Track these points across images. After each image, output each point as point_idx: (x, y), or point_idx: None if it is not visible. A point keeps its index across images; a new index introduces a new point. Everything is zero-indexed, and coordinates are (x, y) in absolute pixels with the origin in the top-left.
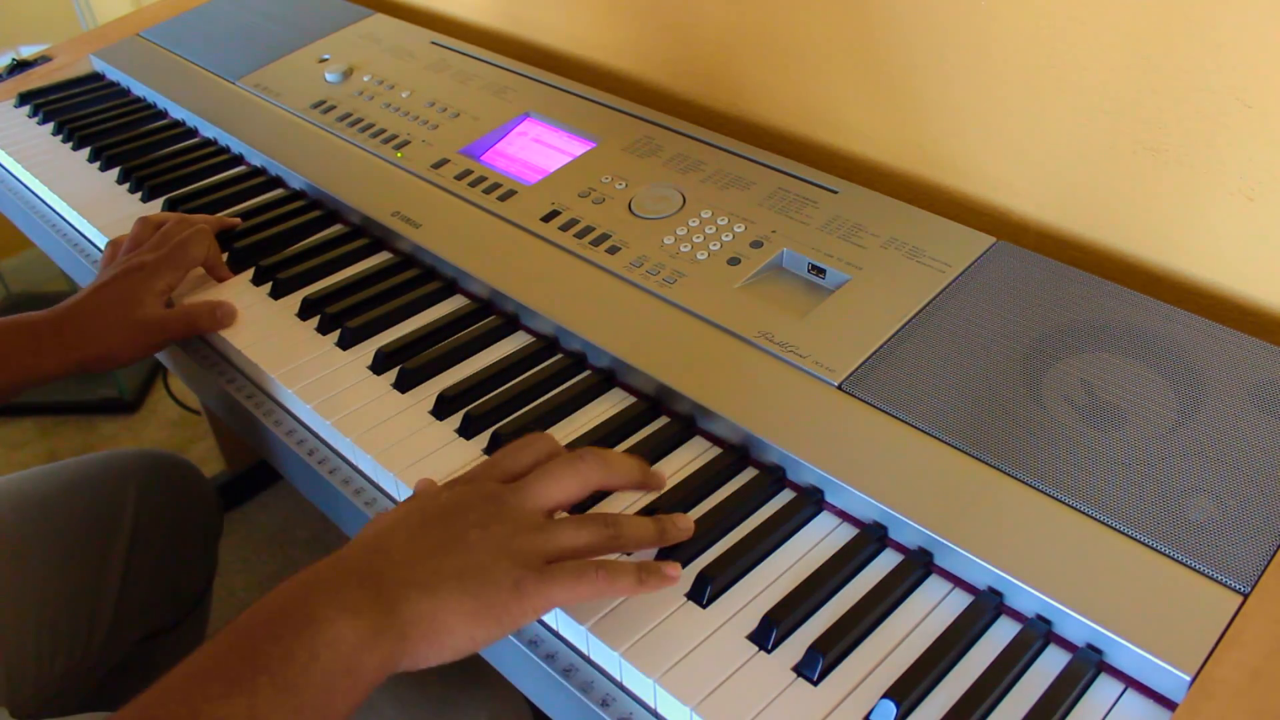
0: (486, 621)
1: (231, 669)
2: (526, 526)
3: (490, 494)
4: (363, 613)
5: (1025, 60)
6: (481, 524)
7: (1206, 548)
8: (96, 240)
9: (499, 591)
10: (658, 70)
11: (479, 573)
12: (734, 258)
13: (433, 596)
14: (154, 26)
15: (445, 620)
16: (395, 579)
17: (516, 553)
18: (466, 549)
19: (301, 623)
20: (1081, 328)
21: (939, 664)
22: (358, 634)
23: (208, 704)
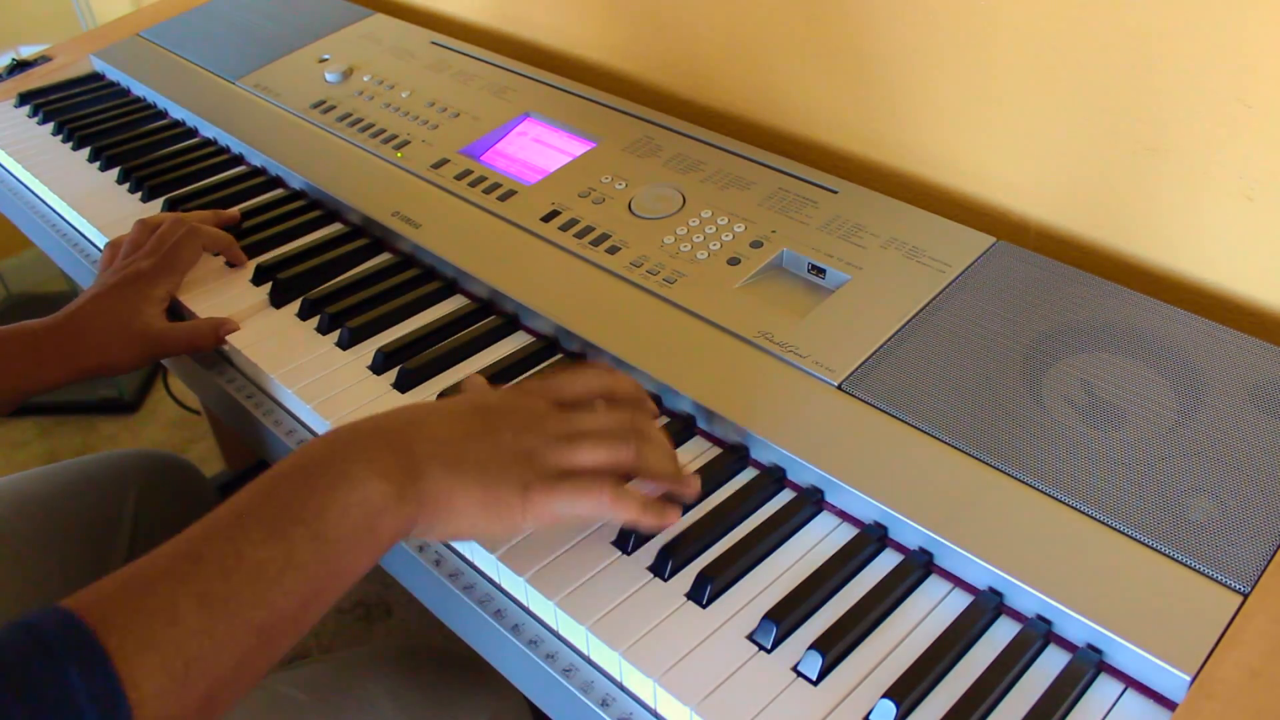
0: (491, 514)
1: (270, 516)
2: (552, 441)
3: (531, 409)
4: (391, 477)
5: (1025, 60)
6: (514, 428)
7: (1206, 548)
8: (96, 240)
9: (510, 491)
10: (655, 70)
11: (498, 469)
12: (734, 258)
13: (452, 476)
14: (154, 26)
15: (457, 501)
16: (424, 452)
17: (535, 462)
18: (493, 445)
19: (336, 478)
20: (1081, 328)
21: (939, 664)
22: (384, 495)
23: (250, 547)
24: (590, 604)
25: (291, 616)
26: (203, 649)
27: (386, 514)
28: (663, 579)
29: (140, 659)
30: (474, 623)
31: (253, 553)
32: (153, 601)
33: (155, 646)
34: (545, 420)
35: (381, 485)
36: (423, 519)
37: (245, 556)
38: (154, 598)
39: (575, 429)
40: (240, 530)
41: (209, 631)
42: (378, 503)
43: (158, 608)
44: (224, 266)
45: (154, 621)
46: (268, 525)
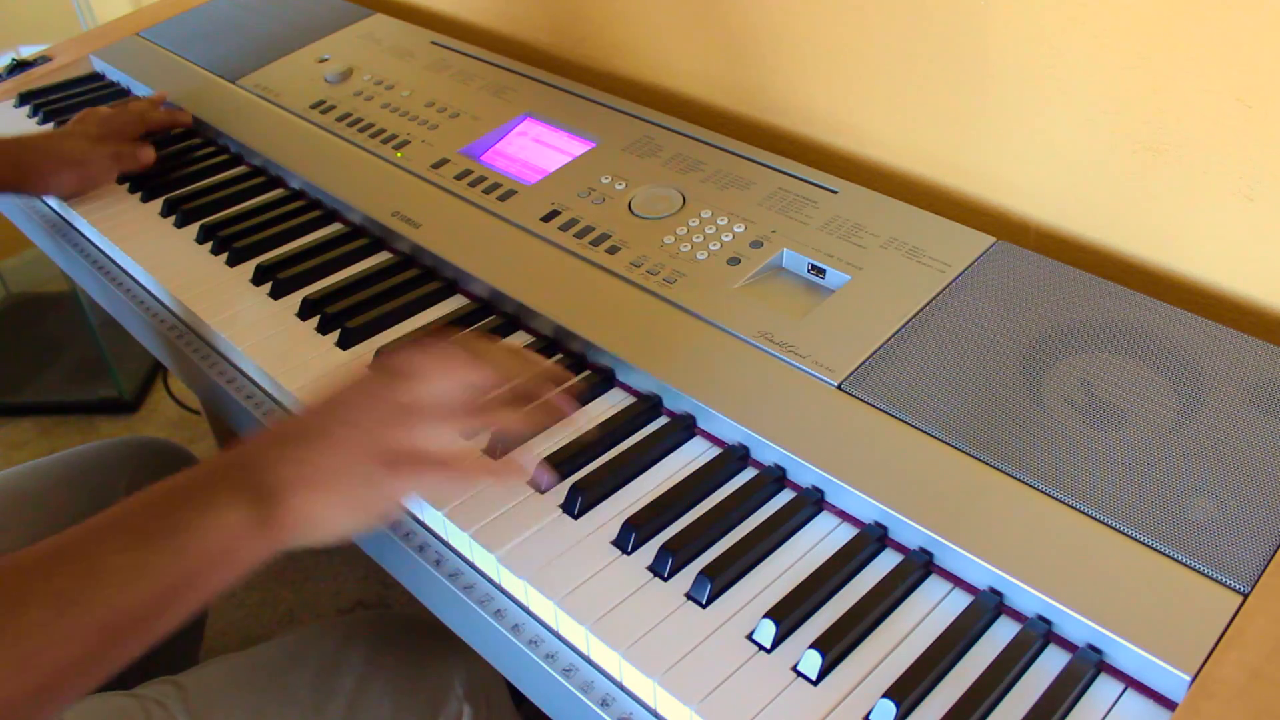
0: (353, 513)
1: (133, 529)
2: (399, 424)
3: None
4: (253, 504)
5: (1025, 60)
6: (362, 428)
7: (1206, 548)
8: (96, 240)
9: (367, 490)
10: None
11: (349, 475)
12: (734, 258)
13: (312, 493)
14: (154, 26)
15: (318, 513)
16: (283, 478)
17: (380, 450)
18: (345, 454)
19: (200, 503)
20: (1081, 328)
21: (939, 664)
22: (242, 522)
23: (110, 553)
24: (590, 604)
25: (141, 620)
26: (47, 639)
27: (247, 539)
28: (663, 579)
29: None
30: (474, 622)
31: (109, 559)
32: (7, 589)
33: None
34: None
35: (240, 514)
36: (288, 537)
37: (101, 562)
38: (10, 585)
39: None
40: (104, 536)
41: (54, 623)
42: (237, 530)
43: (10, 596)
44: (212, 258)
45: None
46: (129, 535)
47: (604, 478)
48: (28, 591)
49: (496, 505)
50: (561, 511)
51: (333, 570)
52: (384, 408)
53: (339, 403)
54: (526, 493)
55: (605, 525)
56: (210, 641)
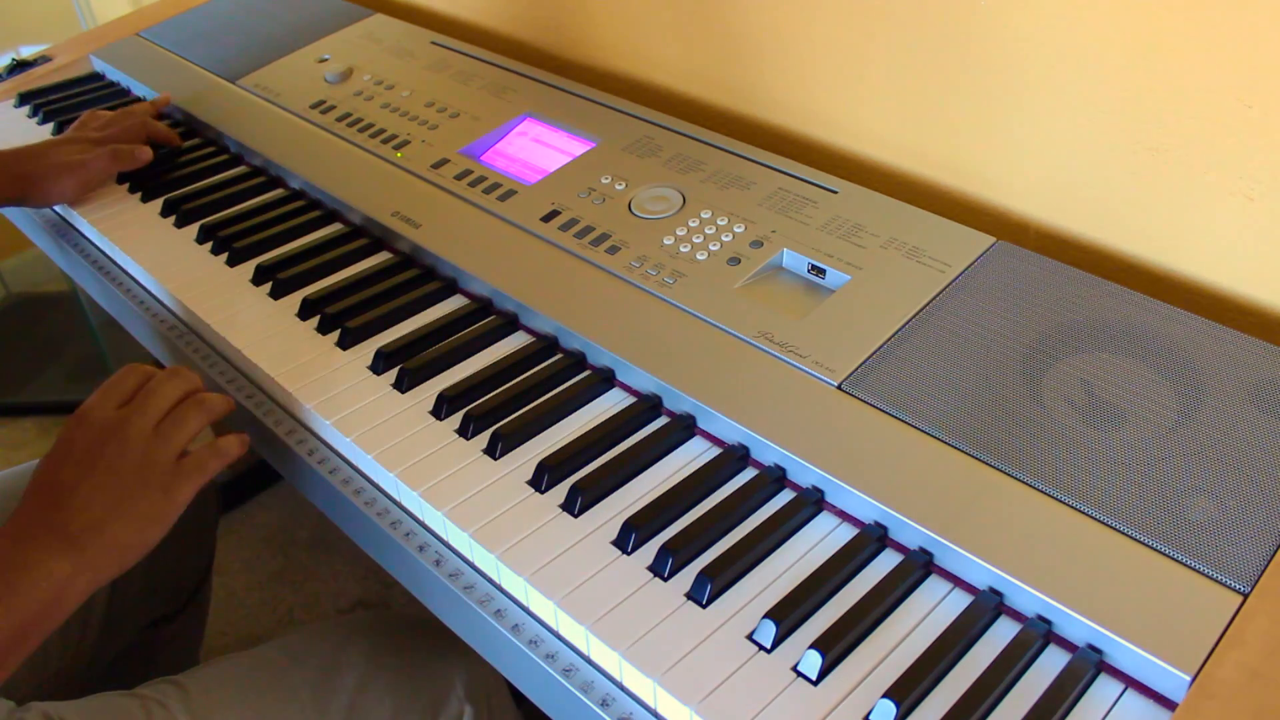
0: (152, 526)
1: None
2: (151, 441)
3: (112, 423)
4: (65, 554)
5: (1025, 60)
6: (121, 453)
7: (1206, 548)
8: (96, 240)
9: (153, 503)
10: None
11: (135, 496)
12: (734, 258)
13: (109, 528)
14: (154, 26)
15: (123, 539)
16: (78, 525)
17: (153, 466)
18: (119, 480)
19: (20, 565)
20: (1081, 328)
21: (939, 664)
22: (63, 571)
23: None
24: (590, 604)
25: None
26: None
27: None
28: (663, 579)
29: None
30: (474, 622)
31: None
32: None
33: None
34: (131, 427)
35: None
36: (106, 567)
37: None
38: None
39: (155, 417)
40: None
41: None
42: (60, 579)
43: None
44: (212, 258)
45: None
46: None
47: (604, 478)
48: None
49: (496, 505)
50: (561, 511)
51: (333, 570)
52: (133, 431)
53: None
54: (527, 493)
55: (605, 525)
56: (210, 641)
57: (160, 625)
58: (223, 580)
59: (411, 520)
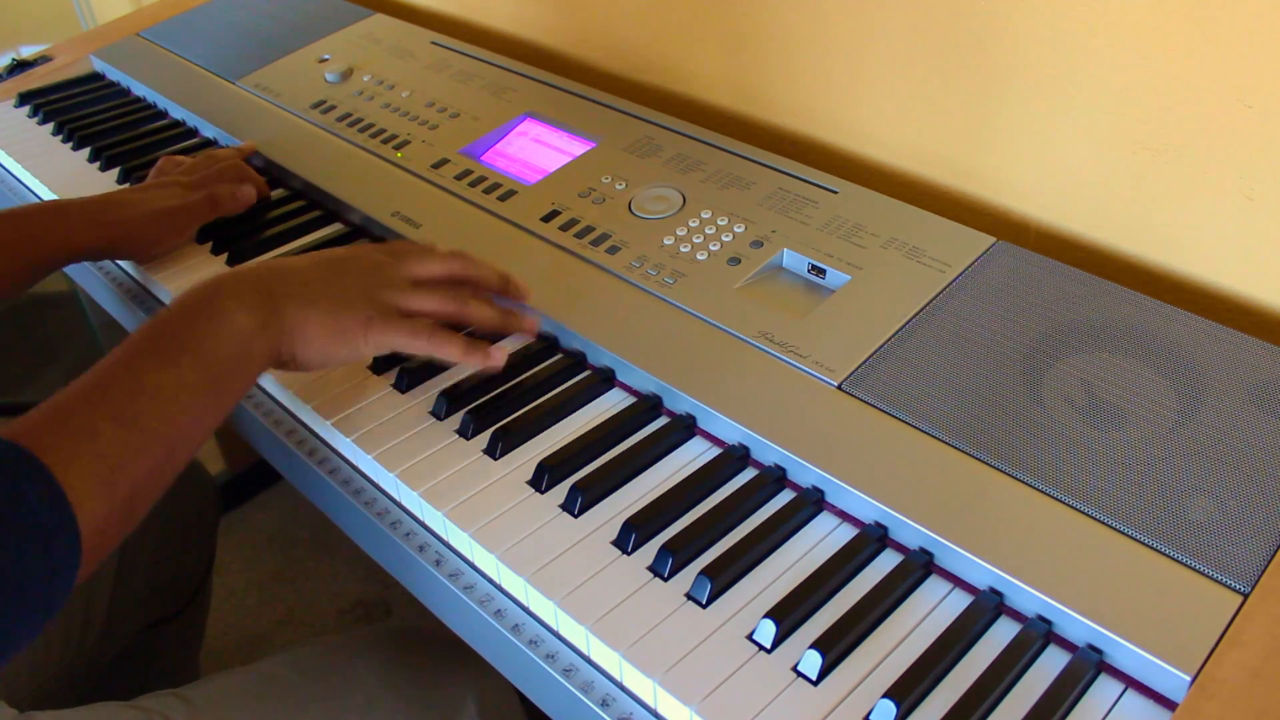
0: (338, 340)
1: (161, 348)
2: (391, 285)
3: (377, 260)
4: (256, 310)
5: (1025, 60)
6: (359, 274)
7: (1206, 548)
8: None
9: (354, 322)
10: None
11: (344, 305)
12: (734, 258)
13: (305, 309)
14: (154, 26)
15: (310, 330)
16: (282, 292)
17: (377, 300)
18: (341, 287)
19: (212, 314)
20: (1081, 328)
21: (939, 664)
22: (251, 326)
23: (147, 374)
24: (590, 604)
25: (188, 429)
26: (121, 457)
27: (255, 340)
28: (663, 579)
29: (72, 468)
30: (474, 622)
31: (151, 379)
32: (74, 422)
33: (82, 457)
34: (386, 269)
35: (248, 318)
36: (284, 345)
37: (145, 382)
38: (75, 419)
39: (410, 275)
40: (138, 361)
41: (124, 442)
42: (246, 331)
43: (79, 427)
44: (213, 258)
45: (78, 438)
46: (160, 355)
47: (604, 478)
48: (96, 420)
49: (496, 505)
50: (561, 511)
51: (333, 570)
52: (383, 272)
53: (343, 257)
54: (527, 493)
55: (605, 525)
56: (210, 641)
57: (160, 626)
58: (223, 580)
59: (411, 520)
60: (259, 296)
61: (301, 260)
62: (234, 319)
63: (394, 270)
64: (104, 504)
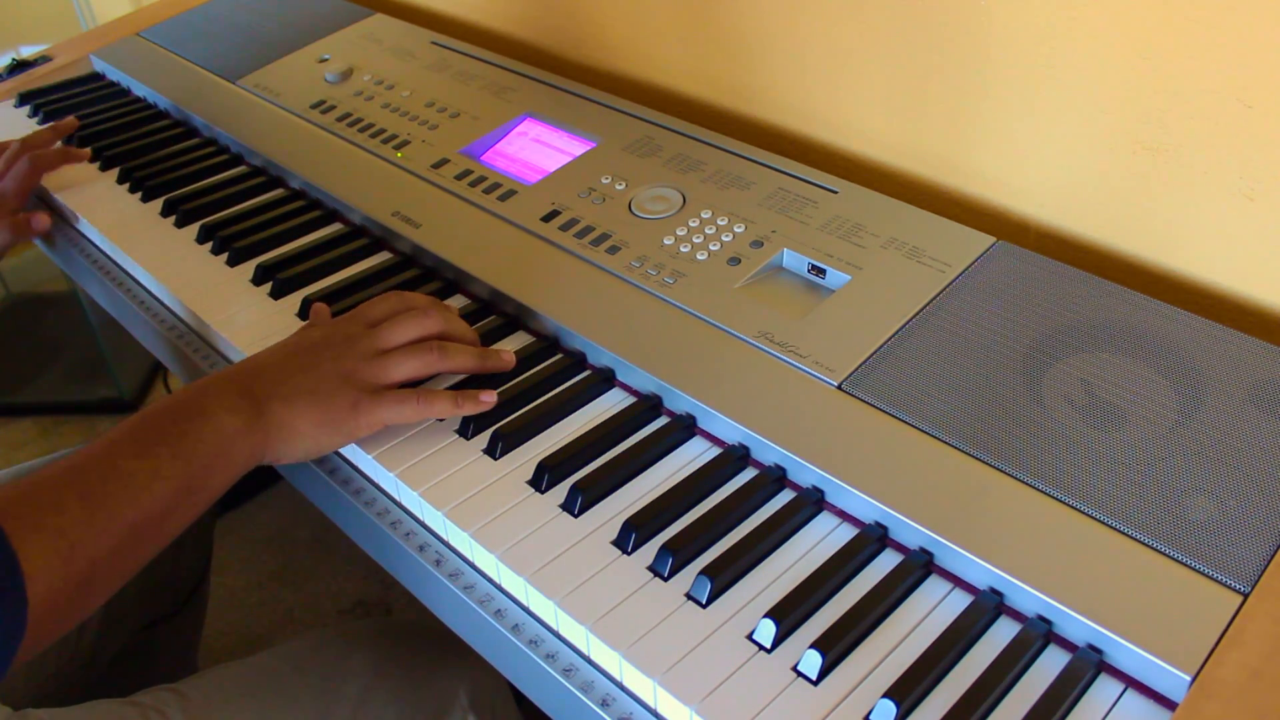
0: (329, 430)
1: (141, 439)
2: (369, 360)
3: (348, 334)
4: (239, 411)
5: (1025, 60)
6: (335, 357)
7: (1206, 548)
8: (96, 240)
9: (340, 409)
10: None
11: (327, 393)
12: (734, 258)
13: (290, 406)
14: (154, 26)
15: (298, 425)
16: (264, 392)
17: (358, 380)
18: (319, 374)
19: (195, 412)
20: (1081, 328)
21: (939, 664)
22: (234, 426)
23: (123, 460)
24: (590, 604)
25: (158, 518)
26: (83, 536)
27: (238, 441)
28: (663, 579)
29: (31, 538)
30: (474, 622)
31: (125, 465)
32: (43, 496)
33: (43, 529)
34: (359, 343)
35: (231, 418)
36: (271, 446)
37: (119, 467)
38: (44, 493)
39: (385, 345)
40: (117, 448)
41: (88, 522)
42: (229, 431)
43: (47, 501)
44: (213, 258)
45: (43, 511)
46: (139, 445)
47: (604, 478)
48: (62, 496)
49: (496, 505)
50: (561, 511)
51: (333, 570)
52: (356, 348)
53: (314, 343)
54: (527, 492)
55: (605, 525)
56: (209, 641)
57: (158, 625)
58: (222, 580)
59: (411, 520)
60: (243, 399)
61: (275, 355)
62: (218, 419)
63: (367, 344)
64: (59, 578)
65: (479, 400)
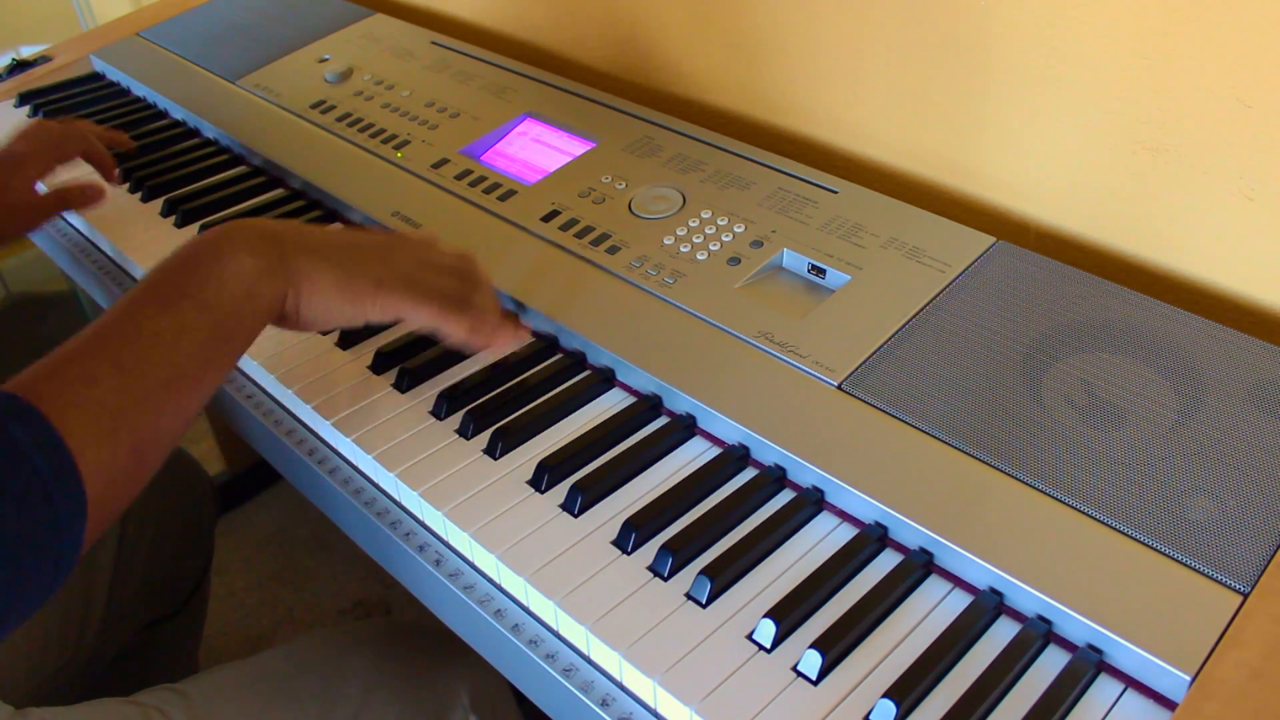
0: (346, 298)
1: (162, 294)
2: (406, 255)
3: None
4: (261, 254)
5: (1026, 60)
6: (374, 243)
7: (1206, 548)
8: (97, 241)
9: (364, 281)
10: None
11: (357, 264)
12: (734, 258)
13: (315, 259)
14: (154, 26)
15: (318, 281)
16: (292, 241)
17: (392, 264)
18: (355, 249)
19: (214, 258)
20: (1081, 328)
21: (939, 664)
22: (255, 269)
23: (147, 320)
24: (590, 604)
25: (194, 375)
26: (122, 404)
27: (260, 283)
28: (663, 579)
29: (70, 413)
30: (474, 622)
31: (150, 324)
32: (72, 370)
33: (80, 404)
34: (403, 244)
35: (253, 260)
36: (290, 293)
37: (144, 328)
38: (73, 366)
39: (426, 257)
40: (138, 308)
41: (125, 389)
42: (251, 275)
43: (77, 374)
44: None
45: (76, 384)
46: (160, 301)
47: (604, 478)
48: (93, 367)
49: (496, 505)
50: (561, 511)
51: (333, 570)
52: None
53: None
54: (527, 492)
55: (605, 525)
56: (210, 641)
57: (158, 625)
58: (222, 580)
59: (411, 520)
60: (267, 243)
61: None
62: (239, 261)
63: (410, 247)
64: (107, 451)
65: (516, 330)
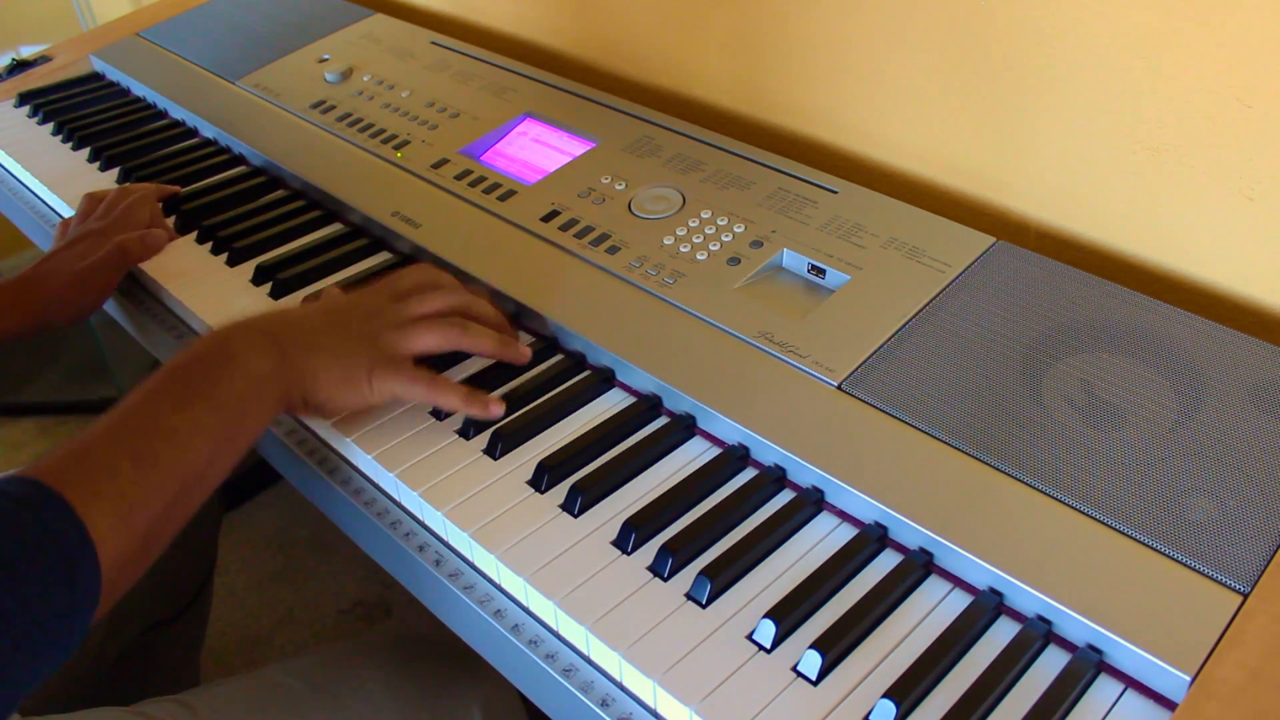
0: (345, 388)
1: (177, 393)
2: (392, 328)
3: (375, 304)
4: (266, 355)
5: (1026, 60)
6: (361, 319)
7: (1206, 548)
8: None
9: (358, 369)
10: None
11: (348, 352)
12: (734, 258)
13: (313, 358)
14: (154, 26)
15: (318, 377)
16: (289, 339)
17: (379, 346)
18: (343, 334)
19: (225, 360)
20: (1081, 328)
21: (939, 664)
22: (262, 369)
23: (164, 416)
24: (590, 604)
25: (203, 469)
26: (138, 495)
27: (267, 384)
28: (663, 579)
29: (94, 505)
30: (474, 622)
31: (167, 421)
32: (95, 461)
33: (103, 495)
34: (384, 312)
35: (259, 361)
36: (296, 390)
37: (161, 424)
38: (95, 458)
39: (410, 316)
40: (155, 405)
41: (142, 482)
42: (259, 377)
43: (100, 466)
44: (212, 258)
45: (99, 475)
46: (176, 399)
47: (604, 478)
48: (115, 459)
49: (496, 505)
50: (561, 511)
51: (333, 570)
52: (384, 316)
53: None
54: (527, 493)
55: (605, 525)
56: (210, 642)
57: (162, 627)
58: (223, 580)
59: (411, 520)
60: (268, 342)
61: (306, 309)
62: (247, 364)
63: (395, 313)
64: (124, 540)
65: (488, 407)
